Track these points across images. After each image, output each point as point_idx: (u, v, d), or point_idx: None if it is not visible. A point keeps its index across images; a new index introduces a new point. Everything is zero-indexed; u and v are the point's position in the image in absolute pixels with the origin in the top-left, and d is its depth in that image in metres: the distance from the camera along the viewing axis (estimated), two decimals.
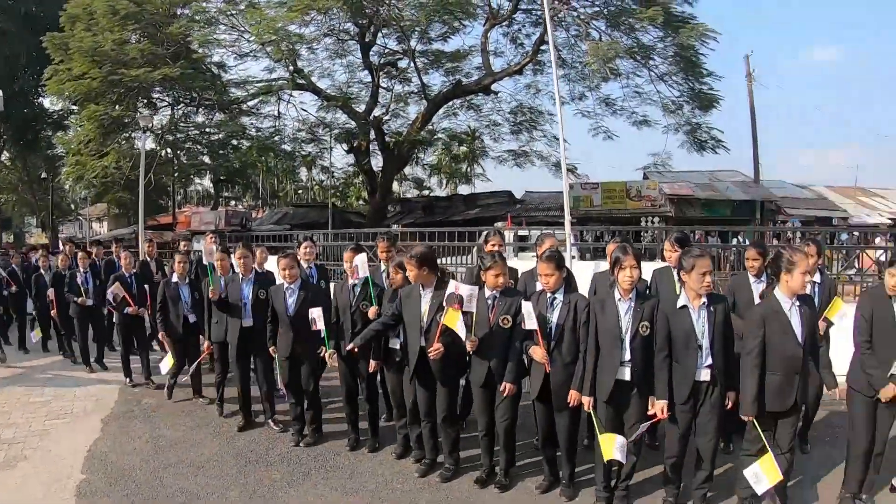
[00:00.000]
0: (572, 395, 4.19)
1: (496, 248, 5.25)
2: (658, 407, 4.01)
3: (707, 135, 19.29)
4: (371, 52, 21.10)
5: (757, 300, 4.60)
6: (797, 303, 3.88)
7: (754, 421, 3.88)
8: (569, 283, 4.59)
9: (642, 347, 4.06)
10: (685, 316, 4.00)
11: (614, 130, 20.72)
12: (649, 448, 4.80)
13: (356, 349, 4.97)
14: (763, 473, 3.76)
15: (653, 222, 20.79)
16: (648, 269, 5.18)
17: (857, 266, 9.83)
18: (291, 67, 19.43)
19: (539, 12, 18.71)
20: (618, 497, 4.26)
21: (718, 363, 3.98)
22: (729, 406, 4.07)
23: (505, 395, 4.38)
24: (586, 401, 4.13)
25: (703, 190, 21.71)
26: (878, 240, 11.42)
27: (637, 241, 14.66)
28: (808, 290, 4.57)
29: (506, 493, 4.52)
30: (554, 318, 4.25)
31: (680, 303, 4.04)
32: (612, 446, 3.97)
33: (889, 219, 22.65)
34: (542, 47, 20.05)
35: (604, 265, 5.72)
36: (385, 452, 5.25)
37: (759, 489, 3.81)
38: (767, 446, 3.84)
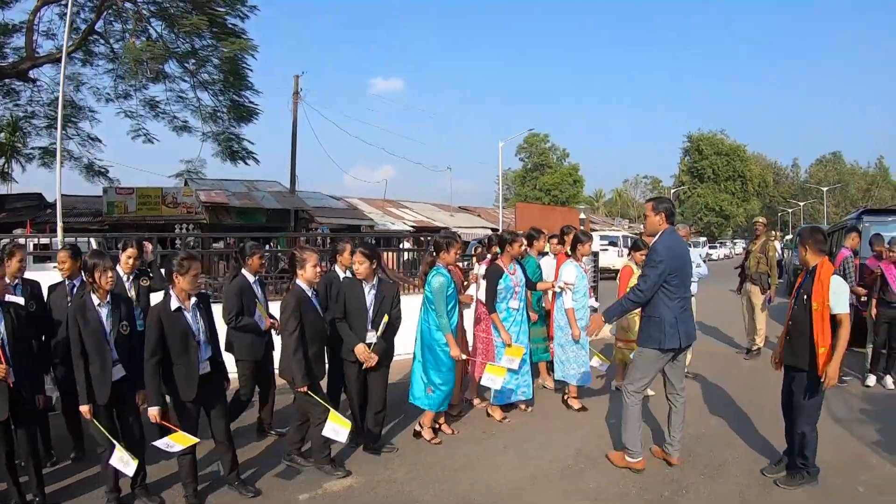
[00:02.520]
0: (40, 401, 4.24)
1: None
2: (152, 415, 4.13)
3: (239, 146, 19.92)
4: None
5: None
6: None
7: (309, 392, 4.60)
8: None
9: (125, 345, 4.31)
10: (180, 317, 4.23)
11: (156, 134, 20.14)
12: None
13: None
14: (339, 426, 4.53)
15: (187, 229, 20.82)
16: None
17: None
18: None
19: None
20: (138, 495, 4.42)
21: (215, 355, 4.48)
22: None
23: None
24: (84, 409, 4.13)
25: (239, 198, 22.61)
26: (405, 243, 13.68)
27: (173, 247, 14.70)
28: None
29: None
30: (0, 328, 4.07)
31: (173, 305, 4.21)
32: (122, 456, 4.07)
33: (411, 226, 26.37)
34: (95, 36, 18.61)
35: None
36: None
37: (341, 439, 4.60)
38: (328, 406, 4.64)
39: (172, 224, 20.80)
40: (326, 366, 5.05)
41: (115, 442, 4.13)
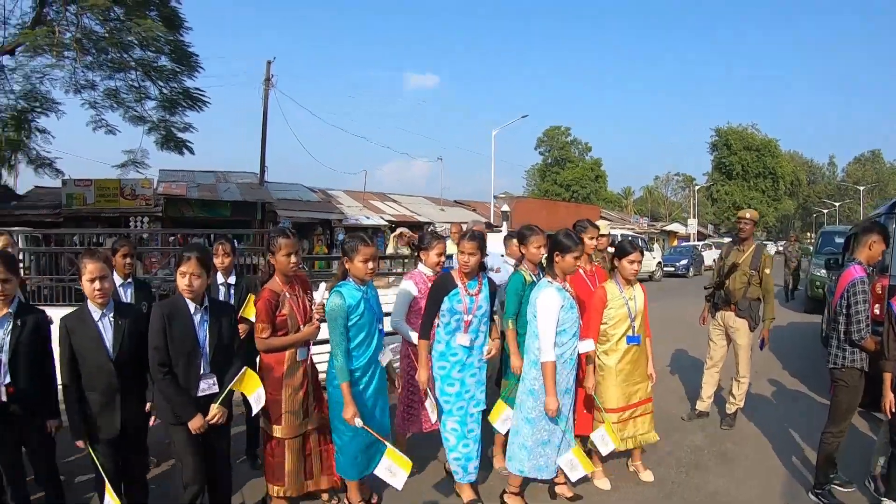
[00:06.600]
0: None
1: None
2: None
3: (172, 135, 19.57)
4: None
5: None
6: (110, 314, 3.57)
7: (90, 449, 3.52)
8: None
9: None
10: None
11: (116, 125, 19.67)
12: None
13: None
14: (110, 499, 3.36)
15: (143, 222, 19.93)
16: None
17: None
18: None
19: None
20: None
21: (21, 384, 3.58)
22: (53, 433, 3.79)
23: None
24: None
25: (201, 190, 21.59)
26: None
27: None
28: (222, 293, 4.63)
29: None
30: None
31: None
32: None
33: (388, 221, 24.92)
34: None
35: None
36: None
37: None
38: (104, 474, 3.42)
39: (127, 216, 20.26)
40: (118, 420, 3.55)
41: None
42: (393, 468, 3.69)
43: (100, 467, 3.45)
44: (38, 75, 19.93)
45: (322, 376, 4.43)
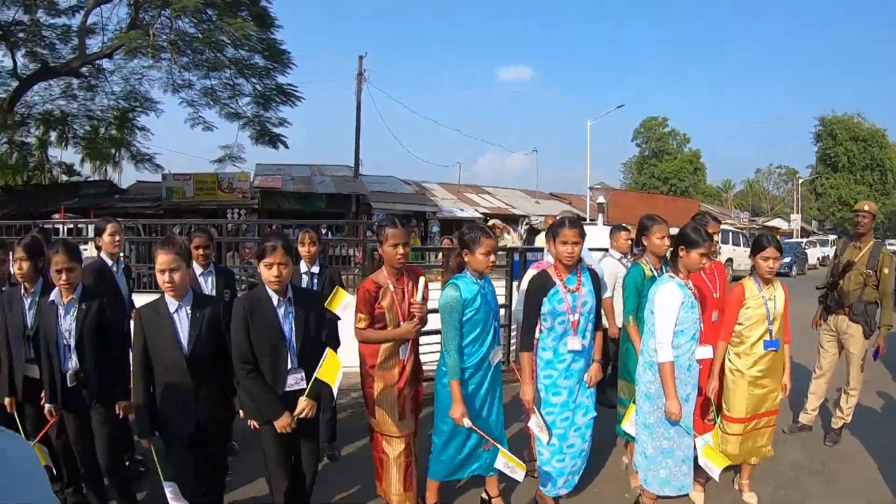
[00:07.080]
0: None
1: None
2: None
3: (265, 129, 19.89)
4: None
5: None
6: (187, 306, 3.31)
7: (153, 448, 3.33)
8: None
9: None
10: (51, 313, 3.57)
11: (213, 122, 20.27)
12: None
13: None
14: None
15: (240, 214, 20.07)
16: None
17: None
18: None
19: None
20: None
21: (89, 365, 3.55)
22: (121, 415, 3.66)
23: None
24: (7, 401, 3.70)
25: (296, 183, 21.48)
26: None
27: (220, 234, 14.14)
28: (304, 282, 4.60)
29: None
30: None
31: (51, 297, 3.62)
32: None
33: (482, 213, 24.06)
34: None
35: None
36: None
37: None
38: (162, 475, 3.26)
39: (224, 209, 20.55)
40: (193, 418, 3.28)
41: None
42: (509, 466, 3.58)
43: (160, 471, 3.27)
44: (136, 76, 20.70)
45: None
